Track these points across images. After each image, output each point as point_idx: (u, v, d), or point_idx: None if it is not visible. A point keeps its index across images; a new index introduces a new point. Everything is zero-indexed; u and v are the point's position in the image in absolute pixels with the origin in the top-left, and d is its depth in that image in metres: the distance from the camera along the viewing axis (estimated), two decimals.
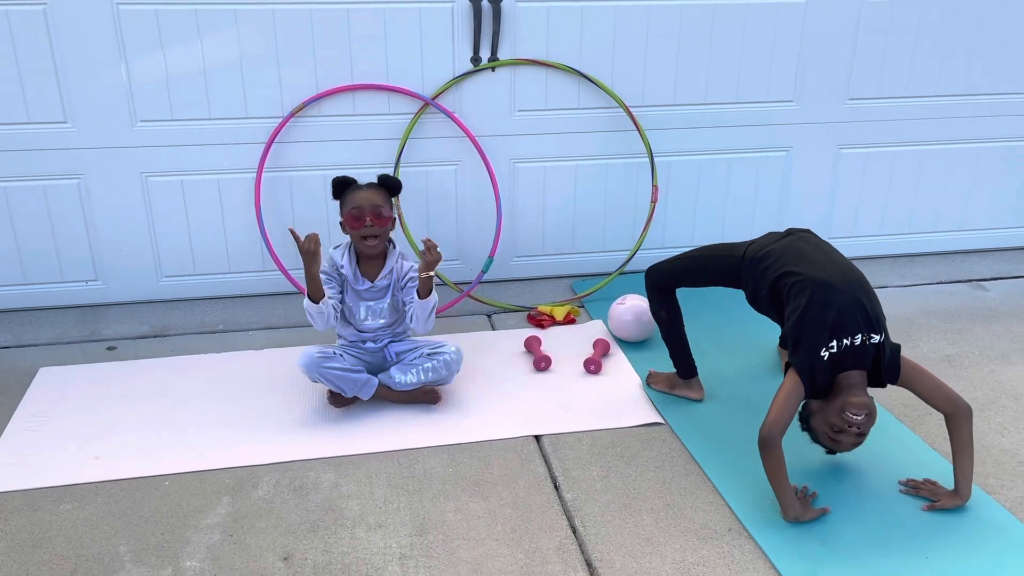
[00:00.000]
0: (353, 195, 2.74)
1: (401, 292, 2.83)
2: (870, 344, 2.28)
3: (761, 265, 2.51)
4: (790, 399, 2.26)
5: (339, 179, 2.78)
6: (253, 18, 3.22)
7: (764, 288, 2.49)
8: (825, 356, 2.25)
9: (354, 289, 2.81)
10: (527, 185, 3.66)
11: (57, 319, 3.44)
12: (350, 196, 2.74)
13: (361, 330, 2.85)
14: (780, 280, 2.43)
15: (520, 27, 3.39)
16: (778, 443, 2.22)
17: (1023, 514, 2.33)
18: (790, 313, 2.36)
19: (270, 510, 2.36)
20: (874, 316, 2.31)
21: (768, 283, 2.46)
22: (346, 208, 2.74)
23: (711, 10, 3.49)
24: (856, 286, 2.35)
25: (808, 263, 2.41)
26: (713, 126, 3.68)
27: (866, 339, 2.28)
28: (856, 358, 2.28)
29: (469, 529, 2.28)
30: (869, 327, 2.29)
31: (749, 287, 2.57)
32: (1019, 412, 2.82)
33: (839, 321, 2.27)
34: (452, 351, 2.82)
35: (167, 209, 3.44)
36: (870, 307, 2.31)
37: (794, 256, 2.45)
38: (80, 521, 2.31)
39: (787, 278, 2.41)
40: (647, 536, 2.25)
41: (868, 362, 2.29)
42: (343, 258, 2.80)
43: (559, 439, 2.67)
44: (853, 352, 2.27)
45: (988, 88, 3.83)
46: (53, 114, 3.23)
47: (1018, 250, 4.17)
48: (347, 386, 2.74)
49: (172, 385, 2.96)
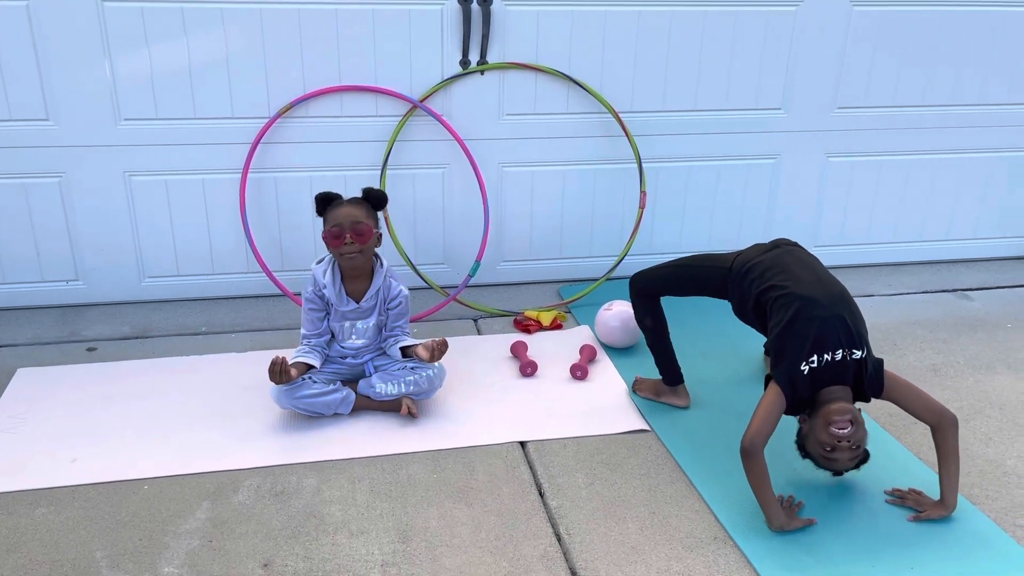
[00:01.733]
0: (334, 211, 2.66)
1: (387, 314, 2.79)
2: (851, 360, 2.29)
3: (747, 278, 2.51)
4: (772, 410, 2.26)
5: (322, 195, 2.69)
6: (240, 17, 3.19)
7: (750, 301, 2.49)
8: (805, 370, 2.26)
9: (338, 310, 2.75)
10: (515, 189, 3.64)
11: (36, 319, 3.39)
12: (331, 214, 2.66)
13: (344, 347, 2.81)
14: (765, 294, 2.43)
15: (509, 30, 3.37)
16: (760, 453, 2.21)
17: (1008, 524, 2.33)
18: (773, 327, 2.37)
19: (251, 515, 2.32)
20: (856, 332, 2.31)
21: (753, 296, 2.47)
22: (327, 225, 2.66)
23: (701, 16, 3.49)
24: (839, 302, 2.36)
25: (793, 278, 2.41)
26: (702, 132, 3.68)
27: (847, 354, 2.28)
28: (837, 373, 2.28)
29: (452, 536, 2.26)
30: (851, 343, 2.29)
31: (735, 299, 2.58)
32: (1004, 422, 2.83)
33: (820, 336, 2.27)
34: (436, 367, 2.76)
35: (150, 209, 3.40)
36: (852, 323, 2.32)
37: (779, 270, 2.46)
38: (56, 525, 2.27)
39: (771, 292, 2.41)
40: (632, 544, 2.24)
41: (850, 377, 2.30)
42: (325, 276, 2.72)
43: (544, 445, 2.65)
44: (834, 367, 2.27)
45: (974, 99, 3.85)
46: (35, 111, 3.18)
47: (1003, 260, 4.20)
48: (323, 410, 2.70)
49: (153, 387, 2.92)
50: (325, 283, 2.72)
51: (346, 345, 2.80)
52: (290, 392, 2.65)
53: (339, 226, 2.63)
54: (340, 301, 2.73)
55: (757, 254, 2.56)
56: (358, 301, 2.75)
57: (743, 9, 3.51)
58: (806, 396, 2.29)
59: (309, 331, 2.77)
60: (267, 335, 3.31)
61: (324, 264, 2.75)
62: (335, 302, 2.73)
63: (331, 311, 2.76)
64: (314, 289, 2.74)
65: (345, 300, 2.74)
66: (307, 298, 2.75)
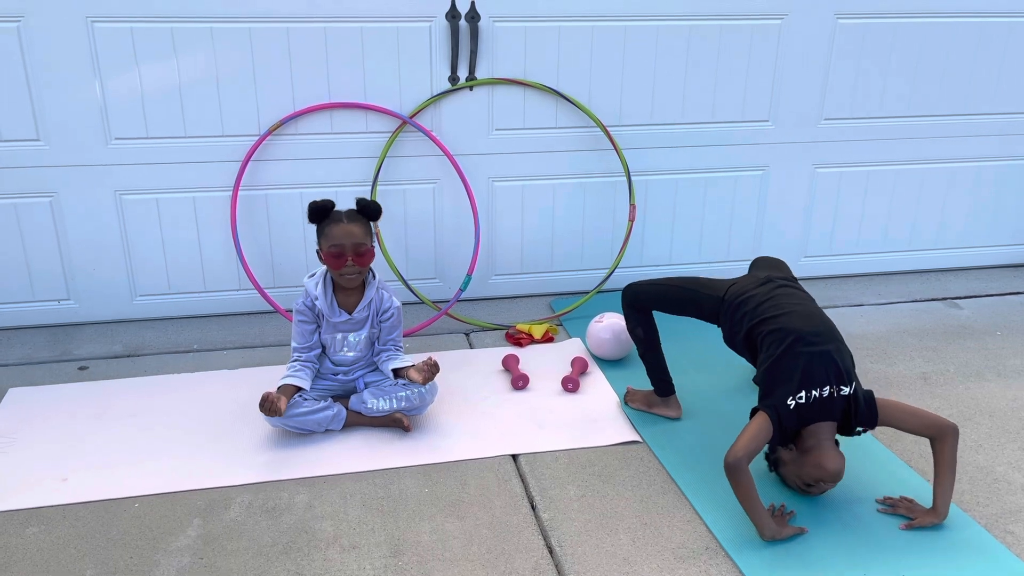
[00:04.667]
0: (333, 229, 2.61)
1: (380, 327, 2.80)
2: (839, 396, 2.32)
3: (740, 310, 2.55)
4: (758, 433, 2.28)
5: (316, 204, 2.63)
6: (229, 36, 3.22)
7: (740, 333, 2.54)
8: (792, 405, 2.30)
9: (330, 321, 2.75)
10: (505, 204, 3.66)
11: (28, 339, 3.39)
12: (330, 230, 2.61)
13: (335, 361, 2.82)
14: (756, 328, 2.48)
15: (498, 46, 3.40)
16: (744, 468, 2.23)
17: (999, 530, 2.34)
18: (763, 360, 2.42)
19: (242, 532, 2.32)
20: (844, 368, 2.34)
21: (745, 329, 2.51)
22: (326, 243, 2.62)
23: (687, 30, 3.52)
24: (827, 338, 2.40)
25: (784, 313, 2.46)
26: (690, 145, 3.71)
27: (835, 391, 2.32)
28: (825, 409, 2.32)
29: (444, 550, 2.25)
30: (839, 379, 2.32)
31: (726, 328, 2.62)
32: (994, 429, 2.84)
33: (808, 372, 2.31)
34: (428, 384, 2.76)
35: (141, 227, 3.41)
36: (840, 360, 2.35)
37: (771, 305, 2.50)
38: (47, 544, 2.26)
39: (762, 326, 2.46)
40: (624, 556, 2.24)
41: (838, 413, 2.33)
42: (317, 288, 2.71)
43: (536, 458, 2.65)
44: (821, 403, 2.31)
45: (959, 109, 3.89)
46: (26, 131, 3.19)
47: (991, 268, 4.22)
48: (315, 427, 2.70)
49: (144, 406, 2.91)
50: (317, 295, 2.71)
51: (337, 359, 2.81)
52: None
53: (340, 247, 2.61)
54: (332, 312, 2.73)
55: (751, 286, 2.60)
56: (350, 313, 2.75)
57: (728, 23, 3.54)
58: (791, 429, 2.33)
59: (300, 344, 2.76)
60: (259, 352, 3.31)
61: (316, 276, 2.75)
62: (327, 313, 2.73)
63: (322, 323, 2.76)
64: (305, 300, 2.73)
65: (337, 311, 2.74)
66: (298, 310, 2.74)
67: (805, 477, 2.34)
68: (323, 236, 2.65)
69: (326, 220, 2.65)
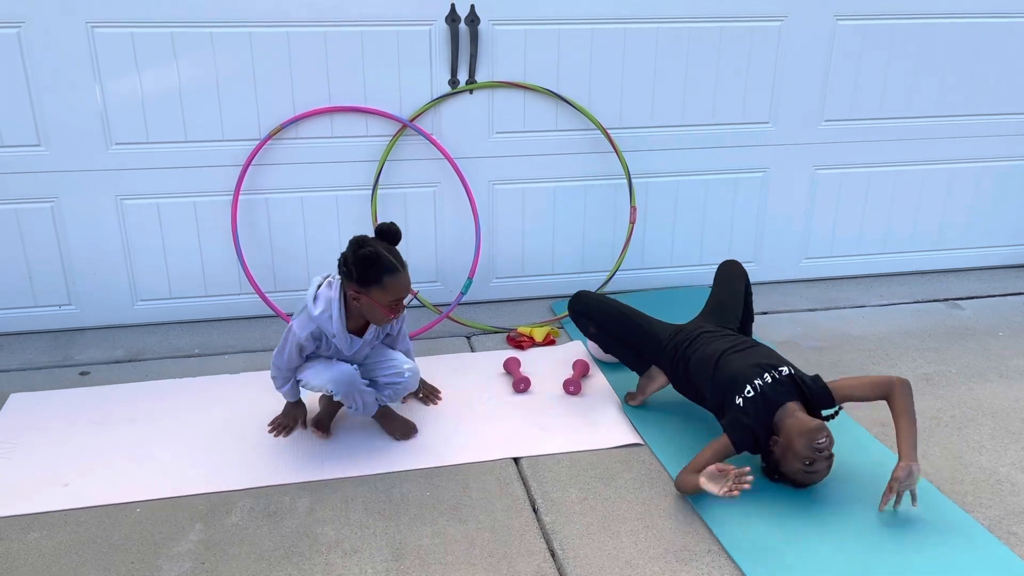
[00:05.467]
0: (392, 282, 2.43)
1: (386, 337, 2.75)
2: (783, 376, 2.42)
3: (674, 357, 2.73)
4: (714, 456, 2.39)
5: (373, 256, 2.39)
6: (230, 40, 3.22)
7: (681, 379, 2.73)
8: (741, 403, 2.41)
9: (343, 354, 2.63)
10: (506, 206, 3.66)
11: (29, 344, 3.39)
12: (388, 282, 2.42)
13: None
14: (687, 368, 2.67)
15: (497, 49, 3.41)
16: (684, 485, 2.40)
17: (1002, 532, 2.33)
18: (706, 391, 2.59)
19: (243, 536, 2.31)
20: (774, 357, 2.52)
21: (682, 374, 2.71)
22: (385, 296, 2.44)
23: (686, 32, 3.52)
24: (748, 343, 2.61)
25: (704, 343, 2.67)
26: (690, 147, 3.71)
27: (775, 374, 2.42)
28: (779, 394, 2.40)
29: (446, 554, 2.25)
30: (771, 366, 2.47)
31: (667, 373, 2.81)
32: (996, 430, 2.83)
33: (742, 373, 2.47)
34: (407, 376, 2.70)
35: (142, 232, 3.41)
36: (766, 352, 2.56)
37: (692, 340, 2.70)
38: (48, 550, 2.26)
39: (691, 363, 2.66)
40: (626, 558, 2.23)
41: (795, 395, 2.41)
42: (335, 326, 2.52)
43: (538, 461, 2.65)
44: (773, 388, 2.40)
45: (960, 110, 3.88)
46: (26, 137, 3.20)
47: (993, 269, 4.22)
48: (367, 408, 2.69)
49: (146, 410, 2.91)
50: (335, 332, 2.54)
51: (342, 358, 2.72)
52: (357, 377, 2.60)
53: (400, 300, 2.48)
54: (349, 346, 2.60)
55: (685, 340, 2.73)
56: (360, 336, 2.64)
57: (728, 25, 3.55)
58: (761, 425, 2.38)
59: (289, 366, 2.62)
60: (261, 356, 3.31)
61: (324, 308, 2.52)
62: (343, 348, 2.59)
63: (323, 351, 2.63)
64: (313, 332, 2.54)
65: (352, 342, 2.61)
66: (301, 342, 2.54)
67: (800, 453, 2.30)
68: (378, 287, 2.43)
69: (378, 269, 2.43)
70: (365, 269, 2.41)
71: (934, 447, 2.72)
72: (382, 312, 2.48)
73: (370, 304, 2.47)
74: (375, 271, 2.42)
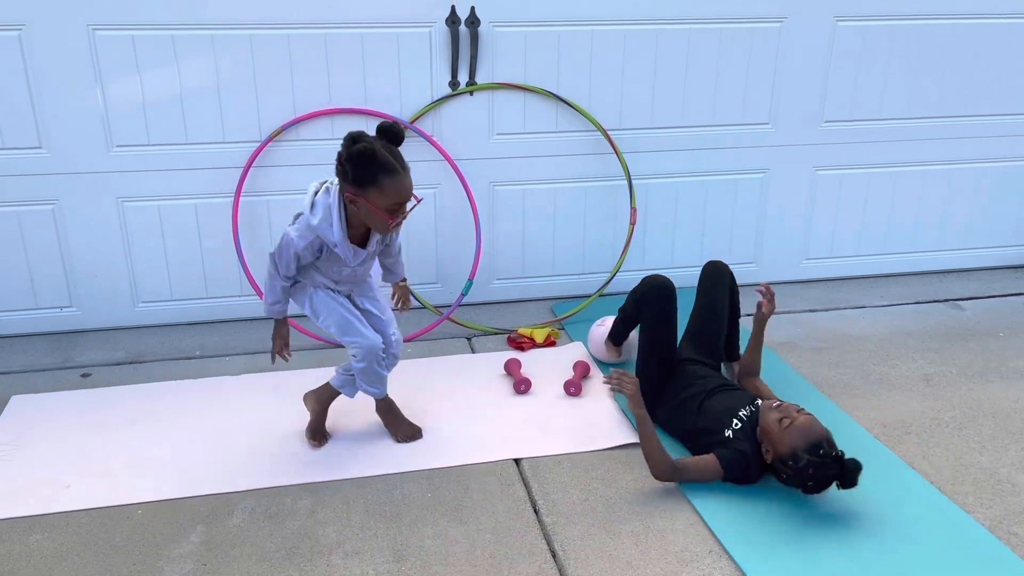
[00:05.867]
0: (391, 184, 2.25)
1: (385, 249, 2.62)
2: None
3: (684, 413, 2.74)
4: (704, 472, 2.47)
5: (369, 153, 2.22)
6: (230, 42, 3.22)
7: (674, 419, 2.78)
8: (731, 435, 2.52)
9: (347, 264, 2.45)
10: (506, 208, 3.66)
11: (30, 346, 3.39)
12: (386, 184, 2.25)
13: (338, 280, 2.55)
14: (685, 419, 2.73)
15: (497, 51, 3.41)
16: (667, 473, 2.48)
17: (1003, 532, 2.33)
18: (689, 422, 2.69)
19: (245, 538, 2.32)
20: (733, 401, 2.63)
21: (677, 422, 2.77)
22: (384, 200, 2.27)
23: (686, 34, 3.53)
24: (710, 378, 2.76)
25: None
26: (690, 148, 3.71)
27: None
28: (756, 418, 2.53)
29: (448, 555, 2.25)
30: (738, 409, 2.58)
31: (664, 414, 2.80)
32: (997, 430, 2.83)
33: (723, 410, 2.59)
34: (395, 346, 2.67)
35: (143, 234, 3.41)
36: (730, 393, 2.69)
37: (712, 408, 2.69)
38: (50, 552, 2.26)
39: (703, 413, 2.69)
40: (627, 559, 2.23)
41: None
42: (337, 235, 2.34)
43: (539, 462, 2.65)
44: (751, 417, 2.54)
45: (960, 110, 3.89)
46: (28, 140, 3.20)
47: (993, 270, 4.22)
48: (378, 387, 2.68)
49: (147, 412, 2.91)
50: (337, 241, 2.36)
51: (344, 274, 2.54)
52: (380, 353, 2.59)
53: (401, 204, 2.31)
54: (353, 256, 2.42)
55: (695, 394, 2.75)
56: (363, 246, 2.46)
57: (728, 26, 3.55)
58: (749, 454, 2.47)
59: (288, 272, 2.46)
60: (261, 358, 3.31)
61: (323, 216, 2.34)
62: (348, 259, 2.41)
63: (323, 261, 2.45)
64: (312, 243, 2.37)
65: (356, 253, 2.43)
66: (298, 254, 2.38)
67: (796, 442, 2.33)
68: (375, 188, 2.26)
69: (374, 167, 2.25)
70: (360, 168, 2.24)
71: (935, 447, 2.72)
72: (381, 218, 2.31)
73: (368, 209, 2.30)
74: (371, 170, 2.24)
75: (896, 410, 2.94)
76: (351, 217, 2.38)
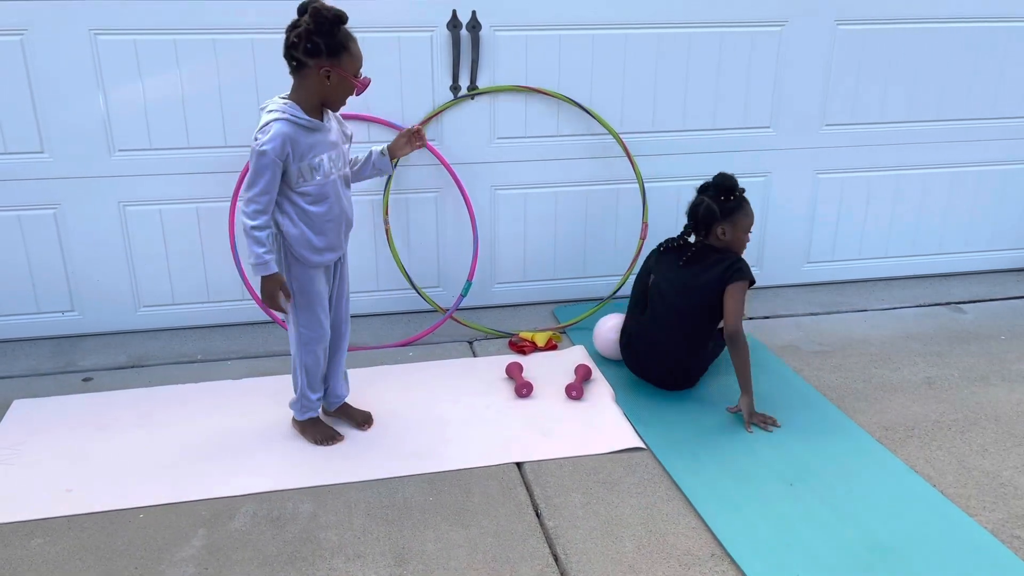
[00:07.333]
0: (357, 48, 2.35)
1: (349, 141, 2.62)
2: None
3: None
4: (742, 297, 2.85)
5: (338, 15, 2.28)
6: (232, 47, 3.23)
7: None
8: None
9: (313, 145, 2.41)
10: (508, 211, 3.67)
11: (32, 350, 3.39)
12: (356, 49, 2.35)
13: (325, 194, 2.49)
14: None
15: (499, 55, 3.41)
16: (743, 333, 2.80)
17: (1006, 535, 2.33)
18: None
19: (247, 542, 2.31)
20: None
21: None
22: (355, 64, 2.36)
23: (687, 38, 3.53)
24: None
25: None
26: (692, 152, 3.71)
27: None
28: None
29: (449, 559, 2.25)
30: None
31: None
32: (1000, 433, 2.83)
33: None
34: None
35: (145, 238, 3.42)
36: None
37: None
38: (51, 556, 2.26)
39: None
40: (629, 563, 2.23)
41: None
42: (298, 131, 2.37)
43: (541, 466, 2.65)
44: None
45: (961, 113, 3.89)
46: (30, 144, 3.21)
47: (995, 273, 4.22)
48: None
49: (149, 416, 2.91)
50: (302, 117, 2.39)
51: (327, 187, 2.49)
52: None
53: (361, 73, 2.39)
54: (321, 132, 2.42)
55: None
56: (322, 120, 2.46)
57: (729, 30, 3.55)
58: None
59: (269, 190, 2.39)
60: (262, 361, 3.31)
61: (286, 116, 2.36)
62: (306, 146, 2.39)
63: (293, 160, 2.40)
64: (280, 146, 2.35)
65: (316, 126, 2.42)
66: (273, 160, 2.34)
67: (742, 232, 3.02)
68: (347, 54, 2.33)
69: (342, 34, 2.32)
70: (332, 36, 2.29)
71: (937, 451, 2.72)
72: (352, 83, 2.37)
73: (339, 77, 2.35)
74: (341, 37, 2.31)
75: (898, 413, 2.94)
76: (304, 104, 2.40)
